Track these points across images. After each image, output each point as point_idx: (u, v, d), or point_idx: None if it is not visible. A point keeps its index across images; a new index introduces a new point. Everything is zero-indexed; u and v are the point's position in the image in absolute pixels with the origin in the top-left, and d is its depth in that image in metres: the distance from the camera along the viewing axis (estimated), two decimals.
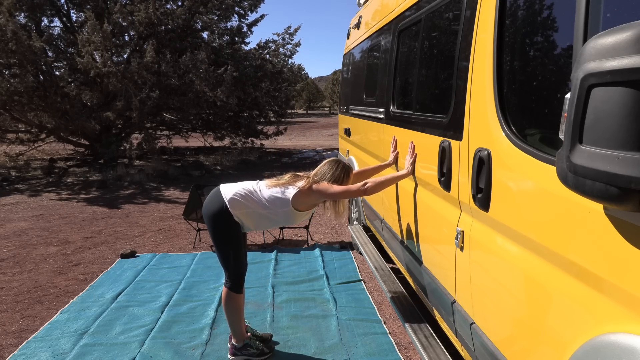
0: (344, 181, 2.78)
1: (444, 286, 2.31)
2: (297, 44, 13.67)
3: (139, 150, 12.43)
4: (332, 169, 2.78)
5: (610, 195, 1.00)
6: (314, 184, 2.68)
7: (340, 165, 2.80)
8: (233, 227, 2.71)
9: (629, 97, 0.93)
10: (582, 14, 1.29)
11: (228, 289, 2.79)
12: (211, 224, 2.73)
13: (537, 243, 1.50)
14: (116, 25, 10.30)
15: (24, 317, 3.53)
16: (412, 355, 2.97)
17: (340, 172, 2.77)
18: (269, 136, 14.15)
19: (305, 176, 2.78)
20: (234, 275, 2.78)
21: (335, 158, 2.93)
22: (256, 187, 2.76)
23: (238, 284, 2.80)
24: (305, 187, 2.67)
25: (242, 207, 2.69)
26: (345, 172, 2.80)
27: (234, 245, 2.74)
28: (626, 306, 1.14)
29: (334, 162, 2.83)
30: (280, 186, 2.72)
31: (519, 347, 1.62)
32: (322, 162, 2.86)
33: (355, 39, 5.11)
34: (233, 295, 2.80)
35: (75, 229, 6.04)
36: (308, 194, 2.68)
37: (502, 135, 1.71)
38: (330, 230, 5.96)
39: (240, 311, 2.87)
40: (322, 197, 2.71)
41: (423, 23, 2.69)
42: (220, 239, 2.74)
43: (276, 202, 2.69)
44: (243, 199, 2.69)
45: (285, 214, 2.72)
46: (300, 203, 2.70)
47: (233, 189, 2.74)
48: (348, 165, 2.86)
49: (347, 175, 2.80)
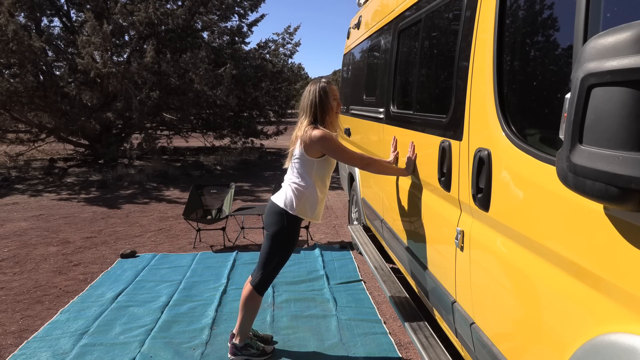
0: (325, 101, 2.63)
1: (444, 286, 2.31)
2: (297, 44, 13.67)
3: (139, 151, 12.43)
4: (306, 95, 2.65)
5: (610, 195, 1.00)
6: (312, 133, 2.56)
7: (312, 85, 2.66)
8: (295, 230, 2.72)
9: (629, 97, 0.93)
10: (582, 14, 1.29)
11: (254, 287, 2.77)
12: (275, 230, 2.68)
13: (537, 243, 1.50)
14: (116, 25, 10.29)
15: (24, 317, 3.52)
16: (412, 355, 2.97)
17: (315, 93, 2.63)
18: (269, 136, 14.15)
19: (298, 128, 2.69)
20: (266, 278, 2.77)
21: (312, 80, 2.78)
22: (288, 179, 2.74)
23: (266, 286, 2.79)
24: (305, 143, 2.60)
25: (298, 201, 2.66)
26: (321, 90, 2.63)
27: (287, 251, 2.74)
28: (626, 306, 1.14)
29: (308, 88, 2.69)
30: (293, 157, 2.68)
31: (519, 347, 1.62)
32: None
33: (355, 39, 5.11)
34: (256, 295, 2.79)
35: (75, 229, 6.04)
36: (311, 145, 2.60)
37: (502, 135, 1.71)
38: (330, 230, 5.96)
39: (256, 312, 2.87)
40: (323, 150, 2.62)
41: (423, 23, 2.69)
42: (279, 243, 2.70)
43: (305, 172, 2.65)
44: (294, 195, 2.67)
45: (320, 167, 2.66)
46: (314, 153, 2.63)
47: (282, 195, 2.72)
48: (325, 81, 2.70)
49: (324, 92, 2.64)
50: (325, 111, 2.67)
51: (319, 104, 2.63)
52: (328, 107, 2.67)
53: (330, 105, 2.69)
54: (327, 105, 2.66)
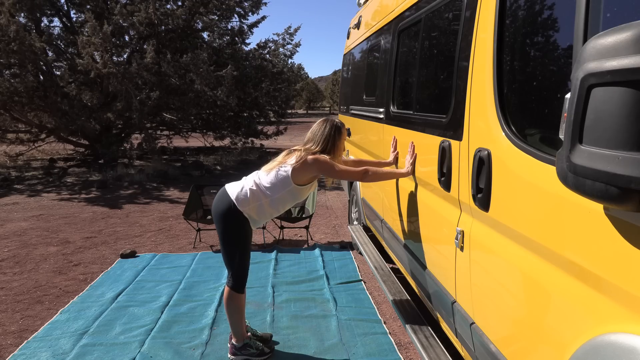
0: (336, 140, 2.70)
1: (444, 286, 2.31)
2: (297, 44, 13.68)
3: (139, 151, 12.43)
4: (321, 129, 2.70)
5: (610, 195, 1.00)
6: (309, 157, 2.61)
7: (329, 123, 2.71)
8: (243, 225, 2.70)
9: (629, 97, 0.93)
10: (582, 14, 1.29)
11: (230, 288, 2.79)
12: (221, 224, 2.71)
13: (537, 243, 1.50)
14: (116, 25, 10.29)
15: (24, 317, 3.52)
16: (412, 355, 2.97)
17: (330, 129, 2.69)
18: (269, 136, 14.15)
19: (298, 149, 2.72)
20: (237, 275, 2.78)
21: (325, 117, 2.84)
22: (256, 177, 2.74)
23: (241, 284, 2.79)
24: (300, 162, 2.61)
25: (250, 201, 2.67)
26: (336, 129, 2.70)
27: (241, 245, 2.74)
28: (626, 306, 1.14)
29: (322, 121, 2.75)
30: (276, 168, 2.67)
31: (519, 347, 1.62)
32: (314, 124, 2.78)
33: (355, 39, 5.11)
34: (235, 295, 2.80)
35: (75, 229, 6.04)
36: (305, 168, 2.62)
37: (502, 135, 1.71)
38: (330, 230, 5.96)
39: (242, 311, 2.87)
40: (320, 172, 2.65)
41: (423, 23, 2.69)
42: (229, 238, 2.72)
43: (278, 186, 2.65)
44: (249, 194, 2.68)
45: (291, 192, 2.67)
46: (300, 177, 2.64)
47: (237, 187, 2.73)
48: (340, 122, 2.76)
49: (338, 132, 2.71)
50: (334, 150, 2.75)
51: (331, 141, 2.70)
52: (338, 146, 2.76)
53: (341, 146, 2.79)
54: (338, 144, 2.74)
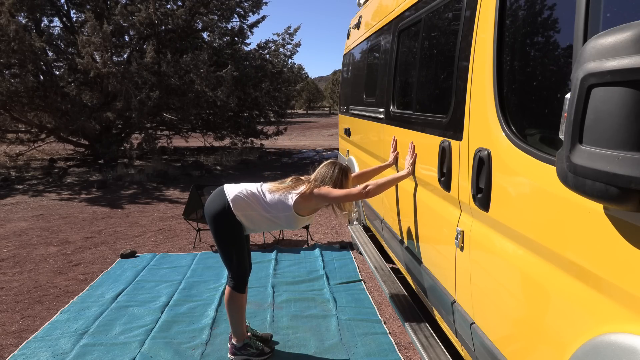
0: (343, 182, 2.79)
1: (444, 286, 2.31)
2: (297, 44, 13.67)
3: (139, 151, 12.43)
4: (330, 171, 2.79)
5: (610, 195, 1.00)
6: (315, 189, 2.70)
7: (337, 167, 2.82)
8: (235, 227, 2.73)
9: (629, 97, 0.93)
10: (582, 14, 1.29)
11: (232, 288, 2.79)
12: (213, 224, 2.73)
13: (537, 243, 1.50)
14: (116, 25, 10.29)
15: (24, 317, 3.52)
16: (412, 355, 2.97)
17: (338, 173, 2.79)
18: (269, 136, 14.15)
19: (306, 181, 2.79)
20: (236, 275, 2.79)
21: (333, 160, 2.95)
22: (259, 189, 2.78)
23: (241, 283, 2.80)
24: (306, 192, 2.69)
25: (245, 208, 2.70)
26: (343, 172, 2.82)
27: (236, 245, 2.75)
28: (626, 306, 1.14)
29: (331, 164, 2.85)
30: (282, 190, 2.74)
31: (519, 347, 1.62)
32: (320, 165, 2.87)
33: (355, 39, 5.11)
34: (236, 295, 2.80)
35: (75, 229, 6.04)
36: (309, 199, 2.70)
37: (502, 135, 1.71)
38: (330, 230, 5.96)
39: (243, 311, 2.87)
40: (323, 201, 2.74)
41: (423, 23, 2.69)
42: (223, 238, 2.75)
43: (278, 206, 2.71)
44: (246, 200, 2.71)
45: (287, 218, 2.74)
46: (302, 208, 2.72)
47: (236, 189, 2.76)
48: (346, 166, 2.88)
49: (345, 175, 2.82)
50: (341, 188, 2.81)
51: (338, 184, 2.77)
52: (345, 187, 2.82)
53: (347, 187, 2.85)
54: (345, 186, 2.81)
